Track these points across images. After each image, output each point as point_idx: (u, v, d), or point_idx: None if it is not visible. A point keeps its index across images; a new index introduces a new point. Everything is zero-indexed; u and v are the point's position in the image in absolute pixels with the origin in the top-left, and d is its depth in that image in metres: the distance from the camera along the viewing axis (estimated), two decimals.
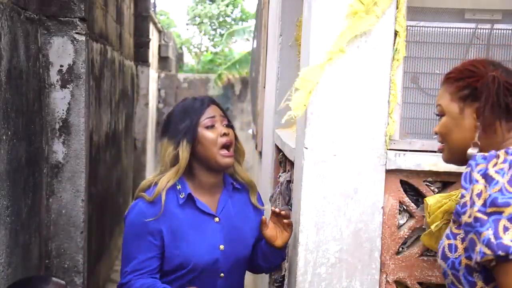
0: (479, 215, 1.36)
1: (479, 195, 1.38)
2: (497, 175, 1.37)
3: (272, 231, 2.10)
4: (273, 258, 2.18)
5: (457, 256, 1.48)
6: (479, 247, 1.35)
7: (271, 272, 2.24)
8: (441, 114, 1.63)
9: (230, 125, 2.12)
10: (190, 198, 2.06)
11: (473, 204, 1.39)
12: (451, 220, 1.55)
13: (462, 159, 1.60)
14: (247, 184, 2.21)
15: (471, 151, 1.55)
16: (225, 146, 2.06)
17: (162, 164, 2.10)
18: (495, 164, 1.40)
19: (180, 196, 2.05)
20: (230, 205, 2.14)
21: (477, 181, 1.40)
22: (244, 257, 2.16)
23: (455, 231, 1.51)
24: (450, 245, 1.51)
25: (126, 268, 2.03)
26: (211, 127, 2.06)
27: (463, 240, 1.47)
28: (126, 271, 2.03)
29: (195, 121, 2.05)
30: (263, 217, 2.12)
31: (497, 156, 1.42)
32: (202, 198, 2.09)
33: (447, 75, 1.64)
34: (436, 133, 1.67)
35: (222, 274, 2.08)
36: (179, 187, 2.06)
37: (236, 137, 2.14)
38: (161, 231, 2.00)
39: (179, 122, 2.06)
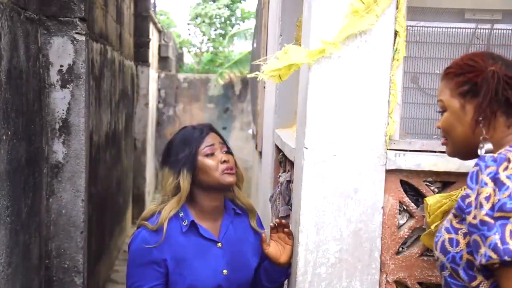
0: (487, 218, 1.36)
1: (487, 198, 1.38)
2: (508, 181, 1.37)
3: (275, 248, 2.12)
4: (278, 277, 2.19)
5: (458, 250, 1.48)
6: (484, 250, 1.36)
7: None
8: (442, 110, 1.62)
9: (229, 152, 2.14)
10: (193, 225, 2.09)
11: (480, 206, 1.38)
12: (452, 214, 1.55)
13: (466, 153, 1.61)
14: (247, 208, 2.24)
15: (487, 146, 1.52)
16: (227, 171, 2.09)
17: (164, 193, 2.13)
18: (506, 168, 1.39)
19: (183, 223, 2.08)
20: (232, 230, 2.16)
21: (486, 184, 1.39)
22: (247, 281, 2.18)
23: (457, 225, 1.51)
24: (451, 239, 1.51)
25: None
26: (211, 155, 2.08)
27: (465, 235, 1.47)
28: None
29: (195, 150, 2.07)
30: (263, 235, 2.14)
31: (508, 160, 1.41)
32: (205, 224, 2.11)
33: (447, 69, 1.64)
34: (439, 128, 1.67)
35: None
36: (181, 214, 2.08)
37: (235, 163, 2.16)
38: (165, 259, 2.03)
39: (179, 152, 2.09)
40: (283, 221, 2.12)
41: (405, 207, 2.07)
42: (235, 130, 12.36)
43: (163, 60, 13.63)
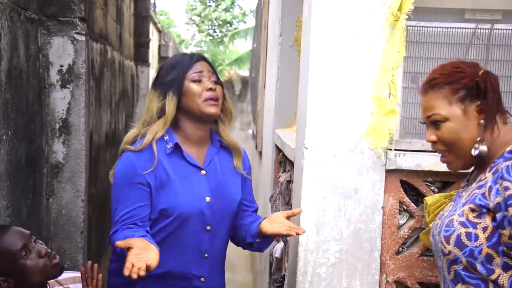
0: None
1: None
2: None
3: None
4: (262, 244, 2.14)
5: (477, 244, 1.50)
6: None
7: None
8: (442, 122, 1.59)
9: (218, 82, 2.08)
10: (177, 149, 2.05)
11: None
12: (468, 209, 1.54)
13: (473, 161, 1.61)
14: (231, 147, 2.17)
15: (482, 147, 1.55)
16: (210, 99, 2.04)
17: (146, 115, 2.09)
18: None
19: (167, 146, 2.04)
20: (216, 160, 2.12)
21: None
22: (231, 212, 2.13)
23: (474, 220, 1.51)
24: (468, 234, 1.51)
25: (115, 217, 2.03)
26: (198, 81, 2.03)
27: (484, 229, 1.49)
28: (116, 221, 2.03)
29: (182, 74, 2.04)
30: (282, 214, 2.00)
31: None
32: (189, 150, 2.07)
33: (431, 82, 1.62)
34: (433, 142, 1.63)
35: (208, 227, 2.06)
36: (166, 137, 2.04)
37: (224, 96, 2.10)
38: (148, 179, 1.99)
39: (167, 75, 2.06)
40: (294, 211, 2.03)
41: (405, 207, 2.07)
42: (235, 130, 12.34)
43: (163, 60, 13.61)
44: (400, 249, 2.09)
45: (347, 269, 2.04)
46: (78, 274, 2.14)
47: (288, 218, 1.98)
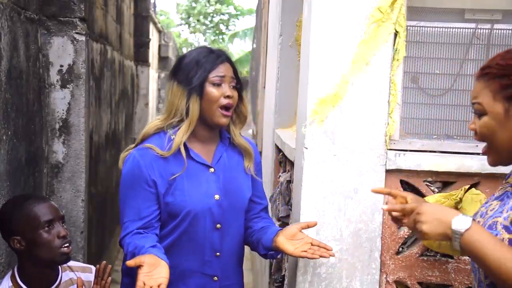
0: None
1: None
2: None
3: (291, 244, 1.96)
4: (276, 254, 2.12)
5: None
6: None
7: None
8: (480, 113, 1.46)
9: (237, 87, 2.06)
10: (184, 148, 2.02)
11: None
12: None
13: (510, 159, 1.47)
14: (242, 149, 2.15)
15: None
16: (225, 108, 2.02)
17: (171, 109, 2.05)
18: None
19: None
20: (225, 157, 2.11)
21: None
22: (241, 209, 2.11)
23: None
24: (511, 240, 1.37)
25: (124, 219, 2.01)
26: (217, 85, 2.01)
27: None
28: (125, 223, 2.00)
29: (206, 74, 2.01)
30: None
31: None
32: (197, 149, 2.06)
33: (485, 70, 1.46)
34: (473, 130, 1.51)
35: (218, 225, 2.04)
36: (173, 136, 2.02)
37: (242, 100, 2.08)
38: (155, 180, 1.98)
39: (190, 71, 2.02)
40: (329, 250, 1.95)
41: None
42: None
43: (163, 60, 13.64)
44: (400, 249, 2.09)
45: (347, 269, 2.04)
46: (88, 265, 2.29)
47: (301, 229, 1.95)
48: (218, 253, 2.06)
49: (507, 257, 1.31)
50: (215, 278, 2.07)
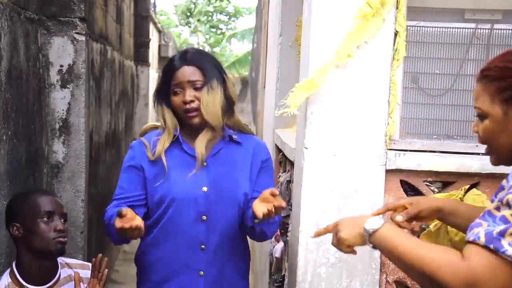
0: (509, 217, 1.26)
1: None
2: None
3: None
4: (264, 226, 2.05)
5: None
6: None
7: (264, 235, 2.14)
8: (482, 116, 1.45)
9: (200, 87, 2.06)
10: (177, 141, 2.10)
11: (508, 205, 1.26)
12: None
13: None
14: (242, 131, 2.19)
15: None
16: (188, 112, 2.07)
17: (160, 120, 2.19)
18: None
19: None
20: (223, 153, 2.12)
21: None
22: (232, 203, 2.09)
23: None
24: None
25: (113, 196, 2.16)
26: (177, 93, 2.08)
27: None
28: (113, 199, 2.15)
29: (167, 86, 2.10)
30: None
31: None
32: (192, 143, 2.10)
33: (484, 72, 1.46)
34: (476, 132, 1.50)
35: (204, 217, 2.05)
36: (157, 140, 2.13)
37: (210, 101, 2.05)
38: (143, 166, 2.09)
39: (158, 85, 2.16)
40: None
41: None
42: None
43: (163, 60, 13.62)
44: None
45: (347, 269, 2.04)
46: (87, 263, 2.34)
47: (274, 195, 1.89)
48: (203, 246, 2.06)
49: (419, 245, 1.32)
50: (201, 272, 2.07)
